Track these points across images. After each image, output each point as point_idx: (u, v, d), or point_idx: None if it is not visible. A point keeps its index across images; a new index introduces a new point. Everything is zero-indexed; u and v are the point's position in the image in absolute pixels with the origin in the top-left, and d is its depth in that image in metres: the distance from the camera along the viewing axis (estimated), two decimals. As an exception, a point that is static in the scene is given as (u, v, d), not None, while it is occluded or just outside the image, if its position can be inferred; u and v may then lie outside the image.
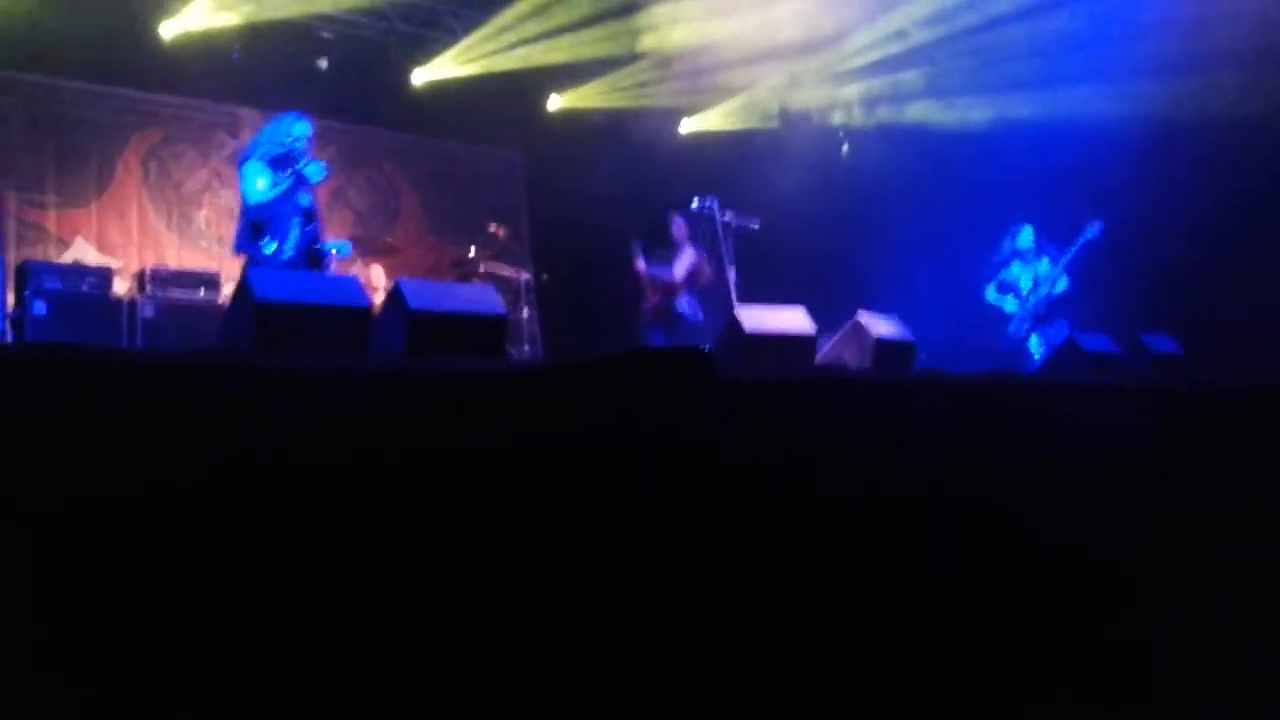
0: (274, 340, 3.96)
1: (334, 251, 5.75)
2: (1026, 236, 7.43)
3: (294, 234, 5.50)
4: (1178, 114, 7.33)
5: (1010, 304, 7.38)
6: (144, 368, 2.41)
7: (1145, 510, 3.73)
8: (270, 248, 5.43)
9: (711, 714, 2.45)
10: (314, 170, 5.48)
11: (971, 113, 9.01)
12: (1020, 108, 8.53)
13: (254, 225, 5.47)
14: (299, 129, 5.62)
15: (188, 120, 8.59)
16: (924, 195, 8.55)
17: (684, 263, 7.22)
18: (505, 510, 2.50)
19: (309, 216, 5.60)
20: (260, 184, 5.44)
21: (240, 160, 5.61)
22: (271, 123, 5.70)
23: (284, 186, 5.43)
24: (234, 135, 8.73)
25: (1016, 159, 7.99)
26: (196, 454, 2.15)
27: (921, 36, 8.93)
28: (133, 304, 6.89)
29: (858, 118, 9.91)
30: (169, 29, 8.16)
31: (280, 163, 5.49)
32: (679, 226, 7.35)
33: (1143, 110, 7.51)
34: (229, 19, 8.27)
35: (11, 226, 7.55)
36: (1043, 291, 7.27)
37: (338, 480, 2.29)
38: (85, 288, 6.67)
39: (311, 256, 5.59)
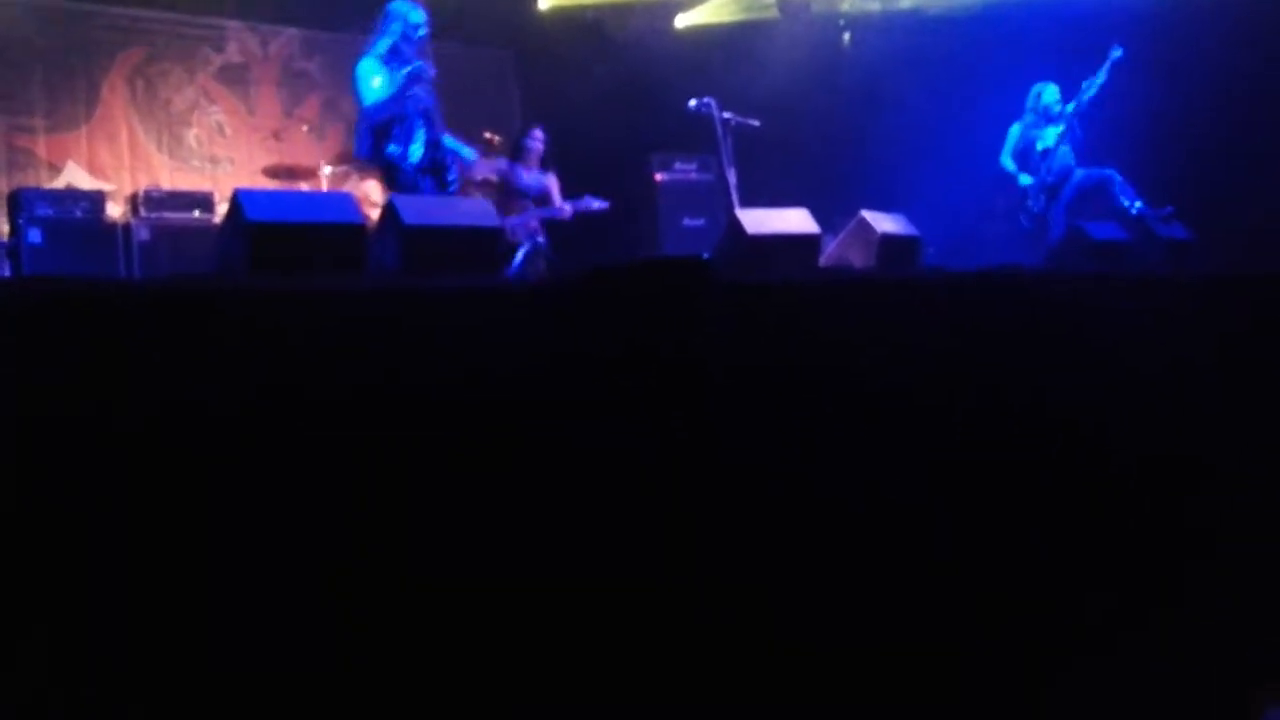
0: (268, 260, 3.91)
1: (463, 156, 5.44)
2: (1051, 93, 7.10)
3: (419, 136, 5.24)
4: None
5: (1024, 178, 7.14)
6: (142, 298, 2.38)
7: (1165, 404, 3.69)
8: (395, 151, 5.19)
9: (722, 647, 2.45)
10: (423, 67, 5.18)
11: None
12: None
13: (375, 130, 5.20)
14: (415, 16, 5.29)
15: (172, 36, 8.39)
16: (931, 84, 8.34)
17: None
18: (506, 429, 2.47)
19: (430, 118, 5.31)
20: (376, 82, 5.14)
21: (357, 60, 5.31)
22: (386, 15, 5.35)
23: (399, 83, 5.13)
24: (219, 50, 8.54)
25: (1027, 40, 7.78)
26: (197, 384, 2.12)
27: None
28: (127, 228, 6.81)
29: (859, 4, 9.65)
30: (146, -60, 7.96)
31: (394, 57, 5.20)
32: (536, 139, 7.12)
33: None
34: (208, -74, 8.06)
35: (2, 153, 7.44)
36: (1060, 148, 7.00)
37: (336, 406, 2.26)
38: (79, 213, 6.59)
39: (436, 163, 5.31)
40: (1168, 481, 3.34)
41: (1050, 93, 7.07)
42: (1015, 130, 7.24)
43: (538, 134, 7.16)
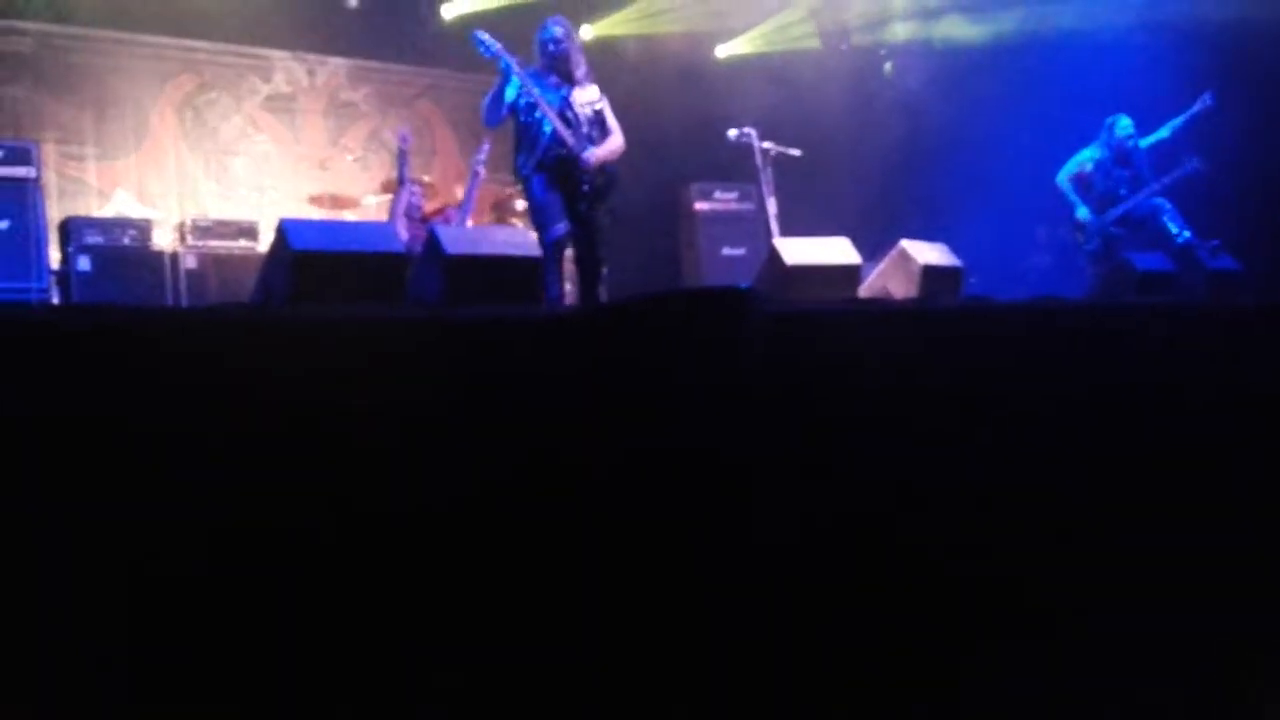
0: (310, 290, 3.95)
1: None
2: (1125, 127, 6.89)
3: (540, 145, 5.25)
4: (1238, 15, 7.04)
5: (1083, 211, 6.95)
6: (186, 327, 2.40)
7: (1202, 434, 3.63)
8: (521, 161, 5.32)
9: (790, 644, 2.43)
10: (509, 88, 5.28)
11: (1022, 24, 8.71)
12: (1073, 16, 8.24)
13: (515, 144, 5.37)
14: (544, 33, 5.49)
15: (220, 66, 8.53)
16: (973, 113, 8.31)
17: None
18: (546, 454, 2.47)
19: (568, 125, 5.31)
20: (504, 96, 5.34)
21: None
22: None
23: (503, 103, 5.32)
24: (266, 80, 8.67)
25: (1072, 71, 7.73)
26: (237, 411, 2.14)
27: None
28: (175, 256, 6.91)
29: (900, 34, 9.64)
30: (197, -27, 8.10)
31: (533, 75, 5.34)
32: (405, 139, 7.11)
33: (1205, 13, 7.23)
34: (258, -39, 8.20)
35: (53, 181, 7.56)
36: (1126, 198, 6.85)
37: (371, 432, 2.27)
38: (128, 241, 6.68)
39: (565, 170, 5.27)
40: (1215, 511, 3.29)
41: (1124, 126, 6.90)
42: (1084, 155, 7.04)
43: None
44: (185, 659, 1.97)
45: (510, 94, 5.24)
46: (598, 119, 5.39)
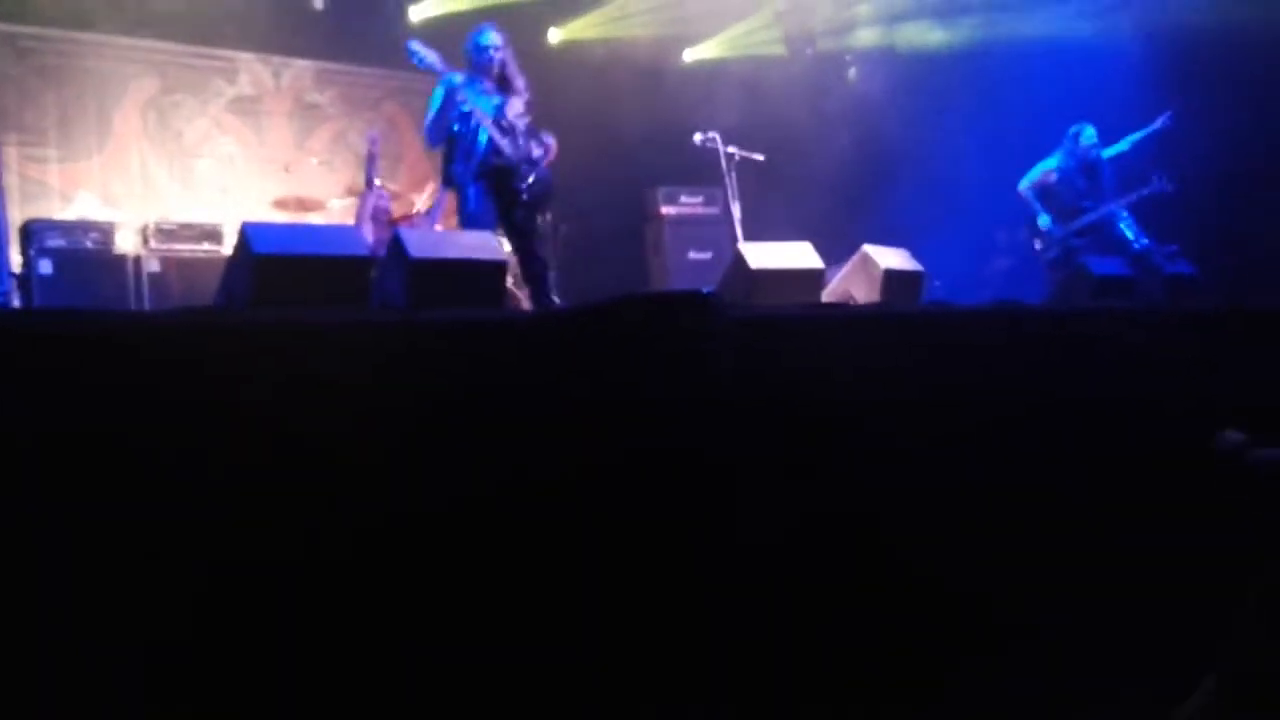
0: (273, 294, 3.93)
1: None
2: (1089, 136, 6.97)
3: (476, 152, 5.35)
4: (1191, 24, 7.15)
5: (1044, 219, 7.02)
6: (143, 330, 2.40)
7: (1160, 437, 3.70)
8: (457, 169, 5.37)
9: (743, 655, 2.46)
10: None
11: (984, 30, 8.81)
12: (1035, 24, 8.34)
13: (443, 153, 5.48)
14: (482, 39, 5.54)
15: (185, 68, 8.48)
16: (935, 120, 8.39)
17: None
18: (508, 459, 2.49)
19: (502, 133, 5.41)
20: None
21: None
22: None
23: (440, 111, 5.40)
24: (231, 82, 8.63)
25: (1033, 78, 7.82)
26: (198, 417, 2.14)
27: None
28: (138, 259, 6.86)
29: (864, 40, 9.72)
30: (162, -26, 8.06)
31: (467, 82, 5.41)
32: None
33: (1159, 20, 7.33)
34: (223, -38, 8.16)
35: (14, 183, 7.50)
36: (1090, 210, 6.90)
37: (339, 436, 2.28)
38: (90, 244, 6.64)
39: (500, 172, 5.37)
40: (1167, 512, 3.35)
41: (1089, 136, 6.97)
42: (1048, 164, 7.10)
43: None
44: (181, 667, 1.98)
45: (439, 99, 5.31)
46: (530, 129, 5.47)
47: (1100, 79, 7.22)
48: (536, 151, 5.46)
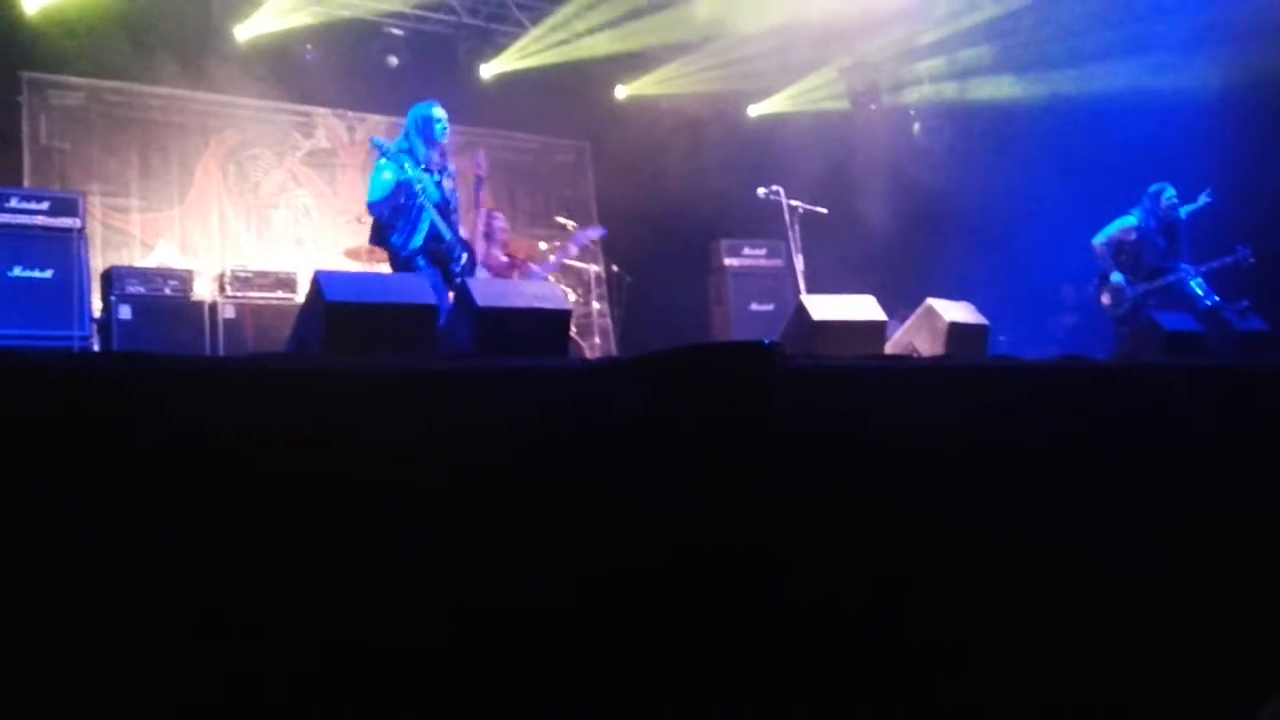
0: (343, 339, 4.04)
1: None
2: (1170, 196, 6.85)
3: (422, 229, 5.53)
4: (1260, 81, 7.09)
5: (1117, 275, 6.90)
6: (218, 374, 2.47)
7: (1224, 499, 3.63)
8: (397, 241, 5.52)
9: None
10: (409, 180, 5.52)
11: (1054, 85, 8.80)
12: (1103, 80, 8.31)
13: (379, 222, 5.63)
14: (422, 111, 5.74)
15: (263, 122, 8.75)
16: (1001, 174, 8.37)
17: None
18: (572, 503, 2.51)
19: (442, 211, 5.63)
20: (385, 176, 5.54)
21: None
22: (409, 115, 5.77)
23: (390, 188, 5.53)
24: (308, 136, 8.88)
25: (1097, 135, 7.79)
26: (270, 458, 2.20)
27: (993, 10, 8.75)
28: (214, 306, 7.05)
29: (929, 95, 9.75)
30: (244, 31, 8.34)
31: (410, 155, 5.56)
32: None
33: (1232, 79, 7.27)
34: (301, 20, 8.44)
35: (97, 231, 7.75)
36: (1167, 272, 6.81)
37: (405, 482, 2.32)
38: (168, 291, 6.84)
39: (440, 254, 5.57)
40: (1237, 570, 3.28)
41: (1170, 196, 6.87)
42: (1127, 222, 6.98)
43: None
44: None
45: (397, 177, 5.42)
46: (455, 201, 5.71)
47: (1174, 135, 7.16)
48: (463, 231, 5.76)
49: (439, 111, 5.67)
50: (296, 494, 2.18)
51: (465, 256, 5.64)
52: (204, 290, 7.32)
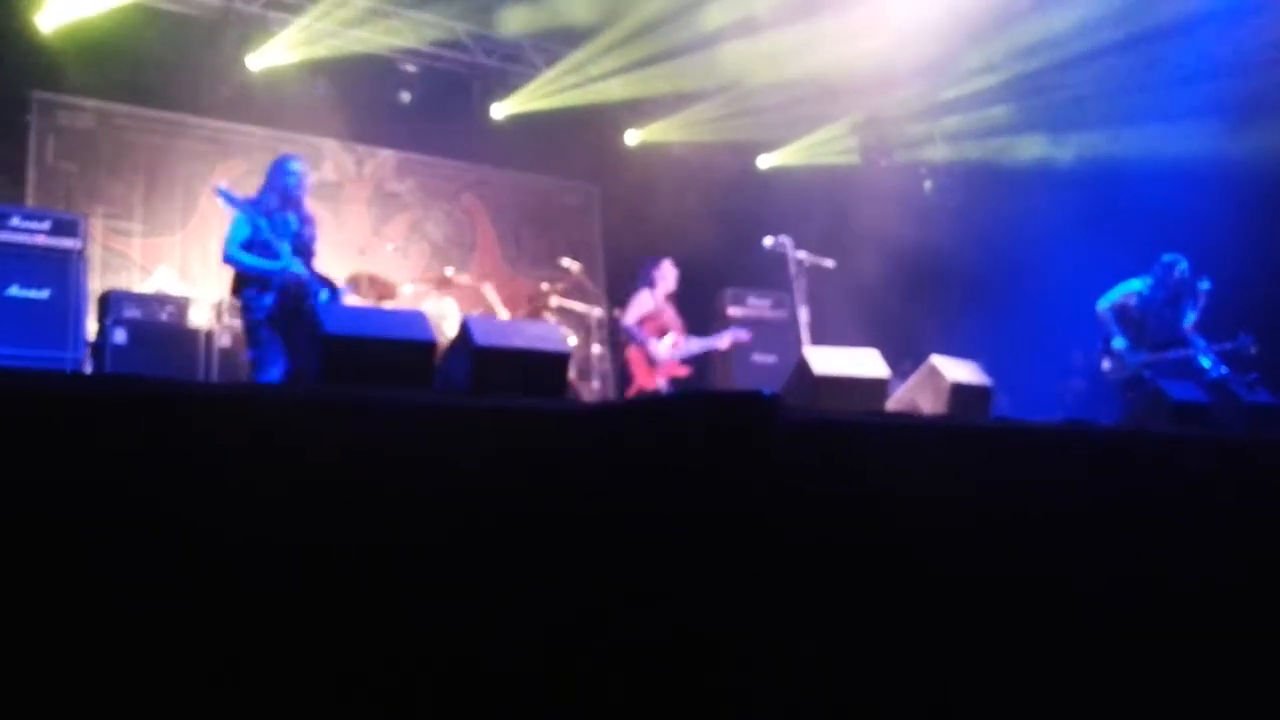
0: (340, 372, 3.97)
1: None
2: (1184, 268, 6.77)
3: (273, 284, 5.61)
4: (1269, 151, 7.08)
5: (1119, 341, 6.87)
6: (205, 400, 2.41)
7: (1224, 569, 3.55)
8: (249, 295, 5.59)
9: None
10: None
11: (1065, 150, 8.81)
12: (1120, 145, 8.31)
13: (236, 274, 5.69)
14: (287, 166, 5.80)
15: (271, 152, 8.69)
16: (1011, 236, 8.35)
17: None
18: (559, 549, 2.44)
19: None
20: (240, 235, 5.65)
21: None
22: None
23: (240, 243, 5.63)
24: (315, 167, 8.83)
25: (1113, 199, 7.77)
26: (258, 485, 2.14)
27: (1006, 73, 8.77)
28: (209, 333, 6.99)
29: (941, 154, 9.76)
30: (256, 61, 8.35)
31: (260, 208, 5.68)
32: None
33: (1234, 149, 7.27)
34: (315, 52, 8.45)
35: (98, 253, 7.71)
36: (1170, 345, 6.75)
37: (393, 512, 2.25)
38: (164, 316, 6.79)
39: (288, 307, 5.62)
40: (1239, 647, 3.19)
41: (1183, 267, 6.79)
42: (1132, 287, 6.93)
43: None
44: None
45: (248, 233, 5.49)
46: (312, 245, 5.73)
47: (1191, 202, 7.13)
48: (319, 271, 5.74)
49: (297, 168, 5.74)
50: (277, 522, 2.11)
51: (326, 293, 5.66)
52: (201, 318, 7.25)
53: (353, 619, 2.13)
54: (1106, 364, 6.87)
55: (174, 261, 8.12)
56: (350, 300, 6.20)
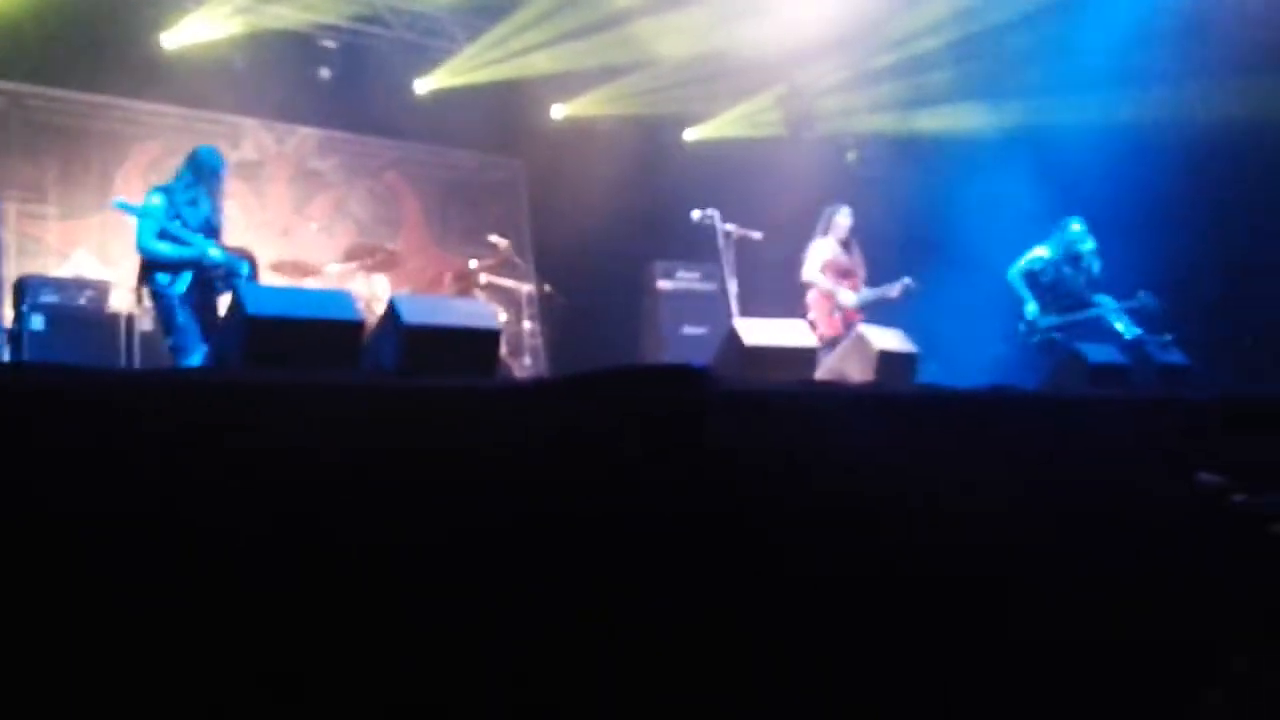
0: (264, 354, 3.93)
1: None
2: (1076, 228, 7.04)
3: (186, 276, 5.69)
4: (1190, 118, 7.25)
5: (1032, 307, 7.07)
6: (132, 388, 2.38)
7: (1138, 523, 3.66)
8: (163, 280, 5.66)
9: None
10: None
11: (980, 120, 8.93)
12: (1030, 115, 8.45)
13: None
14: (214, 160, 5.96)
15: (189, 131, 8.53)
16: (934, 205, 8.46)
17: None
18: (493, 526, 2.45)
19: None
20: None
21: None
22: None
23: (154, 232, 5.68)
24: (235, 146, 8.68)
25: (1039, 166, 7.91)
26: (183, 473, 2.12)
27: (927, 44, 8.87)
28: (130, 318, 6.85)
29: (863, 125, 9.84)
30: (171, 39, 8.16)
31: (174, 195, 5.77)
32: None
33: (1152, 116, 7.44)
34: (231, 29, 8.27)
35: (12, 239, 7.51)
36: (1075, 306, 6.97)
37: (323, 495, 2.25)
38: (83, 301, 6.63)
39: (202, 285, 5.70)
40: (1155, 595, 3.30)
41: (1075, 227, 7.05)
42: (1036, 253, 7.16)
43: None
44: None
45: (157, 229, 5.54)
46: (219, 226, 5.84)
47: (1101, 169, 7.31)
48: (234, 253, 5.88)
49: (221, 162, 6.01)
50: (199, 504, 2.10)
51: (247, 266, 5.80)
52: (121, 302, 7.10)
53: (274, 601, 2.12)
54: (1022, 329, 7.06)
55: (92, 245, 7.92)
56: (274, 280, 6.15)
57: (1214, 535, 3.56)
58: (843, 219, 7.06)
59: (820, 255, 6.96)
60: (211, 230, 5.75)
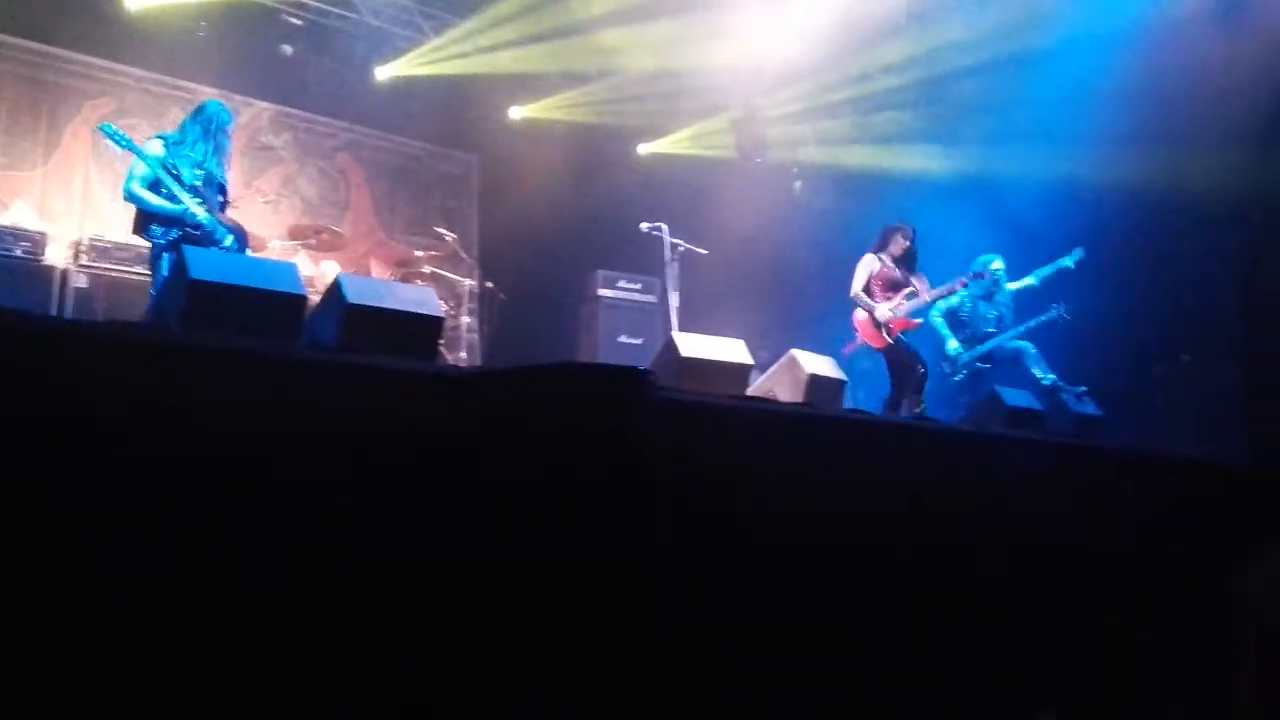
0: (203, 319, 3.92)
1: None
2: (999, 266, 7.21)
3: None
4: (1129, 182, 7.50)
5: (953, 346, 7.22)
6: (61, 336, 2.38)
7: (1058, 563, 3.81)
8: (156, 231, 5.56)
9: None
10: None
11: (928, 162, 9.15)
12: (976, 162, 8.67)
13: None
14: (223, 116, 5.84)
15: (143, 93, 8.48)
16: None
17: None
18: (423, 509, 2.50)
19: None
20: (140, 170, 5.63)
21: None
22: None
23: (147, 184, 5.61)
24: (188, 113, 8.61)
25: (969, 212, 8.12)
26: (108, 426, 2.13)
27: (884, 83, 9.07)
28: (65, 273, 6.77)
29: (812, 156, 10.02)
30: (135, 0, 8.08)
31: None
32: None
33: (1095, 176, 7.68)
34: (198, -6, 8.23)
35: (-51, 185, 7.39)
36: (992, 336, 7.14)
37: (243, 464, 2.27)
38: (19, 252, 6.56)
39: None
40: (1046, 630, 3.45)
41: (991, 265, 7.21)
42: (958, 292, 7.26)
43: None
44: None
45: (150, 176, 5.49)
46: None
47: (1031, 216, 7.55)
48: (230, 215, 5.82)
49: (230, 118, 5.88)
50: (118, 467, 2.11)
51: (232, 238, 5.69)
52: (57, 256, 7.02)
53: (189, 567, 2.15)
54: (946, 368, 7.23)
55: (33, 196, 7.81)
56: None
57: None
58: (902, 237, 7.06)
59: (866, 270, 7.00)
60: (220, 188, 5.69)
